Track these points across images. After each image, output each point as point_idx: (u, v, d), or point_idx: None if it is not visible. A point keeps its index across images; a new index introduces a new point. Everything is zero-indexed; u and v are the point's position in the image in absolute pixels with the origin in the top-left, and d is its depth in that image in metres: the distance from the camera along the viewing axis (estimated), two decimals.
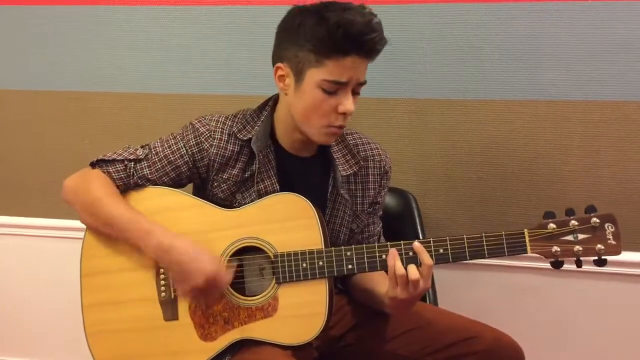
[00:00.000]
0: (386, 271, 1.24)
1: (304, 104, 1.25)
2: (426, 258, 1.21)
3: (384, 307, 1.30)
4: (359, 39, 1.18)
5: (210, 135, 1.33)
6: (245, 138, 1.33)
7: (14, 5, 1.94)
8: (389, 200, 1.69)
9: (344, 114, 1.24)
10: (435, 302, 1.61)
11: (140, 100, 1.93)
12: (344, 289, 1.47)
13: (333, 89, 1.21)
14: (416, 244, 1.23)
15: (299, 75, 1.24)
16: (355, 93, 1.25)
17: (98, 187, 1.30)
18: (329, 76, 1.20)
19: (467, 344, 1.29)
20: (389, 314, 1.36)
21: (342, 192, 1.36)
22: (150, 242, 1.25)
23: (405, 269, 1.20)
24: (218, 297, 1.28)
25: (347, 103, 1.23)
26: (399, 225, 1.69)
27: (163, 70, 1.90)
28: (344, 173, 1.36)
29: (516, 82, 1.71)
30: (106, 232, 1.31)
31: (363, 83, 1.25)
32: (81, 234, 1.36)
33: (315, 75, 1.21)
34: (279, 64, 1.27)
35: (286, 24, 1.26)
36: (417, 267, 1.21)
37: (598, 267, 1.22)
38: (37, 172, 2.04)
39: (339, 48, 1.18)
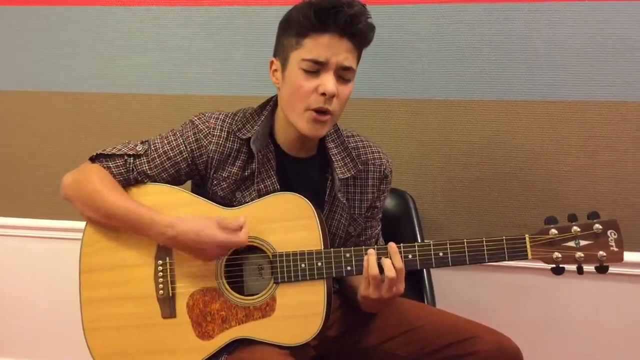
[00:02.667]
0: None
1: (289, 89, 1.26)
2: (396, 261, 1.21)
3: (357, 304, 1.32)
4: (331, 13, 1.18)
5: (209, 132, 1.33)
6: (244, 137, 1.33)
7: (12, 5, 1.94)
8: (387, 201, 1.68)
9: (324, 94, 1.22)
10: (433, 303, 1.61)
11: (138, 101, 1.93)
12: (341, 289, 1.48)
13: (313, 68, 1.21)
14: (390, 245, 1.23)
15: (284, 63, 1.26)
16: (342, 79, 1.24)
17: (98, 180, 1.30)
18: (308, 55, 1.21)
19: (466, 344, 1.28)
20: (387, 314, 1.36)
21: (339, 195, 1.36)
22: (155, 232, 1.26)
23: (380, 266, 1.21)
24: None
25: (327, 83, 1.21)
26: (397, 225, 1.70)
27: (161, 70, 1.90)
28: (341, 176, 1.35)
29: (513, 82, 1.72)
30: (107, 224, 1.31)
31: (348, 68, 1.23)
32: (78, 235, 1.36)
33: (296, 56, 1.23)
34: (272, 59, 1.30)
35: (281, 23, 1.28)
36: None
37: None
38: (36, 173, 2.04)
39: (314, 25, 1.20)
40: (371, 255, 1.22)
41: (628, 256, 1.70)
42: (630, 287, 1.77)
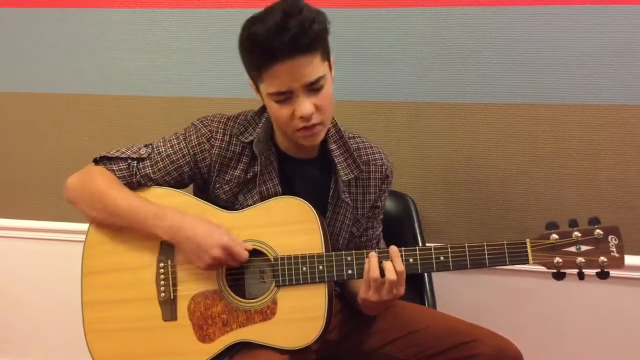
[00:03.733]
0: None
1: (270, 114, 1.27)
2: (397, 264, 1.20)
3: (357, 306, 1.32)
4: (269, 47, 1.13)
5: (212, 135, 1.33)
6: (246, 140, 1.33)
7: (14, 8, 1.94)
8: (388, 203, 1.69)
9: (302, 117, 1.20)
10: (433, 306, 1.62)
11: (140, 103, 1.94)
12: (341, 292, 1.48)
13: (282, 98, 1.19)
14: (392, 248, 1.23)
15: (257, 91, 1.26)
16: (315, 90, 1.19)
17: (102, 180, 1.31)
18: (271, 88, 1.18)
19: (466, 347, 1.28)
20: (388, 317, 1.37)
21: (343, 196, 1.36)
22: (163, 224, 1.26)
23: (381, 269, 1.20)
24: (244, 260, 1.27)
25: (301, 107, 1.18)
26: (398, 228, 1.70)
27: (163, 73, 1.90)
28: (345, 178, 1.35)
29: (515, 85, 1.72)
30: (113, 224, 1.32)
31: (315, 81, 1.18)
32: (80, 237, 1.37)
33: (264, 90, 1.21)
34: (248, 80, 1.28)
35: (238, 40, 1.22)
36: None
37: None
38: (37, 175, 2.05)
39: (260, 63, 1.16)
40: (372, 257, 1.22)
41: (629, 260, 1.70)
42: (631, 291, 1.77)
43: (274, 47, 1.13)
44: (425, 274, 1.64)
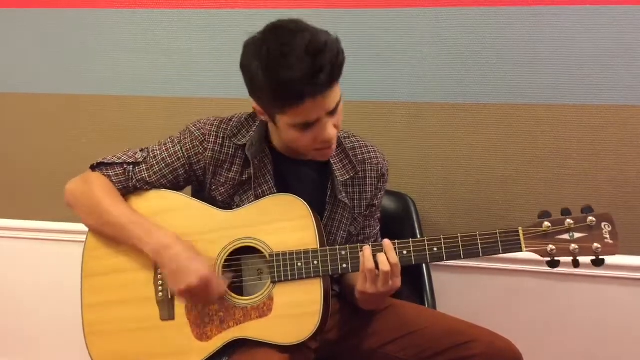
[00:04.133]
0: None
1: (286, 138, 1.26)
2: (391, 257, 1.21)
3: (356, 302, 1.32)
4: (306, 91, 1.11)
5: (204, 138, 1.34)
6: (239, 143, 1.34)
7: (14, 8, 1.95)
8: (388, 203, 1.69)
9: (326, 141, 1.22)
10: (433, 306, 1.61)
11: (140, 104, 1.94)
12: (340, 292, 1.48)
13: (305, 127, 1.19)
14: (385, 242, 1.23)
15: (271, 117, 1.24)
16: (334, 111, 1.20)
17: (99, 189, 1.32)
18: (296, 120, 1.17)
19: (465, 347, 1.28)
20: (387, 317, 1.37)
21: (340, 197, 1.36)
22: (150, 240, 1.26)
23: (376, 262, 1.21)
24: (214, 301, 1.28)
25: (326, 133, 1.19)
26: (398, 228, 1.70)
27: (163, 73, 1.91)
28: (341, 178, 1.36)
29: (515, 86, 1.72)
30: (107, 233, 1.33)
31: (337, 105, 1.20)
32: (80, 237, 1.38)
33: (284, 119, 1.19)
34: (252, 100, 1.24)
35: (244, 67, 1.19)
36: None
37: (596, 271, 1.21)
38: (37, 175, 2.05)
39: (290, 103, 1.13)
40: (367, 250, 1.22)
41: (629, 260, 1.72)
42: (631, 291, 1.76)
43: (310, 91, 1.11)
44: (425, 274, 1.64)
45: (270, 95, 1.15)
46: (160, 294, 1.31)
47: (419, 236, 1.69)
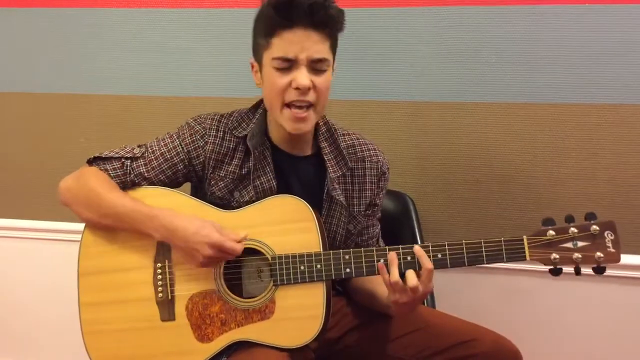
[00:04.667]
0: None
1: (266, 88, 1.28)
2: (426, 262, 1.20)
3: (387, 310, 1.31)
4: (290, 7, 1.19)
5: (205, 132, 1.34)
6: (240, 135, 1.34)
7: (13, 7, 1.94)
8: (387, 202, 1.69)
9: (298, 88, 1.23)
10: (433, 305, 1.61)
11: (139, 103, 1.94)
12: (343, 291, 1.48)
13: (284, 65, 1.22)
14: (417, 248, 1.22)
15: (260, 63, 1.28)
16: (316, 70, 1.24)
17: (96, 181, 1.31)
18: (277, 53, 1.22)
19: (466, 346, 1.29)
20: (387, 316, 1.36)
21: (333, 194, 1.36)
22: (155, 225, 1.26)
23: (403, 275, 1.20)
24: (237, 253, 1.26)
25: (299, 77, 1.22)
26: (397, 227, 1.69)
27: (161, 72, 1.90)
28: (333, 175, 1.36)
29: (514, 85, 1.72)
30: (106, 225, 1.31)
31: (320, 60, 1.23)
32: (77, 237, 1.36)
33: (268, 56, 1.24)
34: (251, 61, 1.31)
35: (254, 19, 1.29)
36: (417, 271, 1.20)
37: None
38: (36, 175, 2.05)
39: (277, 23, 1.21)
40: (383, 267, 1.21)
41: (628, 259, 1.72)
42: (630, 290, 1.77)
43: (294, 11, 1.18)
44: None
45: (262, 23, 1.24)
46: (160, 294, 1.31)
47: (417, 236, 1.69)
